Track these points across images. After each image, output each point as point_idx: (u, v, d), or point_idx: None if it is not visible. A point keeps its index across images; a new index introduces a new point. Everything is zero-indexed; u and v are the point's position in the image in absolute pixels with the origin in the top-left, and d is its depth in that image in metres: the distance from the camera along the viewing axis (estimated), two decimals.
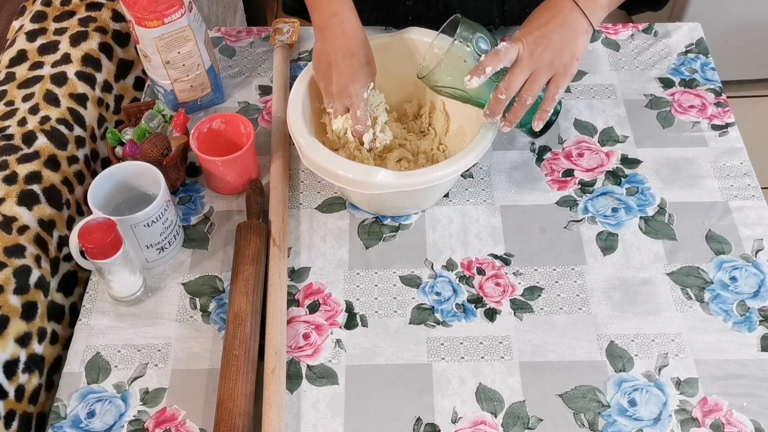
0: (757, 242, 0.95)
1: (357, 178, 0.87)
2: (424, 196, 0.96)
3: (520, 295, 0.91)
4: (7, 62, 1.07)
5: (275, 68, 1.13)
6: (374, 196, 0.91)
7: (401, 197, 0.92)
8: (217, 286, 0.93)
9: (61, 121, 1.01)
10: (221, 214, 1.00)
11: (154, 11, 0.97)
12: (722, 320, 0.88)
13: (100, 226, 0.83)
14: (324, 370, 0.85)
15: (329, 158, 0.88)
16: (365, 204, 0.97)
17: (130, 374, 0.85)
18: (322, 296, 0.91)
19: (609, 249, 0.95)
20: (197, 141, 0.98)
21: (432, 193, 0.95)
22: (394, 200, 0.93)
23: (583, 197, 1.00)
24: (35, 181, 0.94)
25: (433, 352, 0.86)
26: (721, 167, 1.02)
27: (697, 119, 1.08)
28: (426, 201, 0.97)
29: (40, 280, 0.89)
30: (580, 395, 0.83)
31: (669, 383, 0.83)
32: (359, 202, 0.98)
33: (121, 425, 0.82)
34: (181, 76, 1.05)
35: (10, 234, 0.88)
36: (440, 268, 0.93)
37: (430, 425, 0.81)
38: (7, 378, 0.82)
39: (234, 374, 0.80)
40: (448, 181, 0.92)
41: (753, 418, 0.81)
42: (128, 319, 0.90)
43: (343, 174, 0.87)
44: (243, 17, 2.11)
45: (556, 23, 0.84)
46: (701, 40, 1.19)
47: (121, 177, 0.92)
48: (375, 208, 0.98)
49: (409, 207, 0.97)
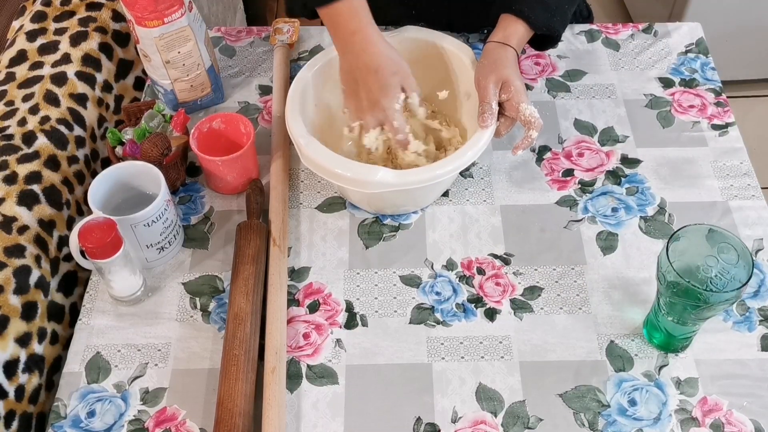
0: (757, 242, 0.95)
1: (356, 177, 0.87)
2: (423, 194, 0.96)
3: (520, 294, 0.91)
4: (7, 62, 1.07)
5: (275, 68, 1.13)
6: (374, 195, 0.91)
7: (400, 195, 0.92)
8: (217, 286, 0.93)
9: (61, 121, 1.01)
10: (221, 214, 1.00)
11: (154, 11, 0.97)
12: (722, 320, 0.88)
13: (100, 226, 0.83)
14: (324, 369, 0.85)
15: (328, 157, 0.88)
16: (365, 203, 0.97)
17: (130, 374, 0.85)
18: (322, 296, 0.91)
19: (609, 249, 0.95)
20: (197, 141, 0.98)
21: (431, 191, 0.95)
22: (393, 198, 0.93)
23: (583, 197, 1.00)
24: (35, 181, 0.94)
25: (433, 352, 0.86)
26: (721, 167, 1.02)
27: (697, 119, 1.08)
28: (425, 199, 0.97)
29: (40, 280, 0.89)
30: (580, 395, 0.83)
31: (669, 383, 0.83)
32: (359, 202, 0.98)
33: (121, 425, 0.82)
34: (181, 76, 1.05)
35: (10, 234, 0.88)
36: (440, 267, 0.93)
37: (430, 425, 0.81)
38: (7, 378, 0.82)
39: (234, 374, 0.80)
40: (447, 179, 0.92)
41: (753, 417, 0.81)
42: (128, 319, 0.90)
43: (342, 173, 0.87)
44: (243, 17, 2.11)
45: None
46: (701, 40, 1.19)
47: (121, 177, 0.92)
48: (374, 207, 0.98)
49: (409, 205, 0.97)
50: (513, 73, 0.93)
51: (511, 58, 0.94)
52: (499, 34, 0.96)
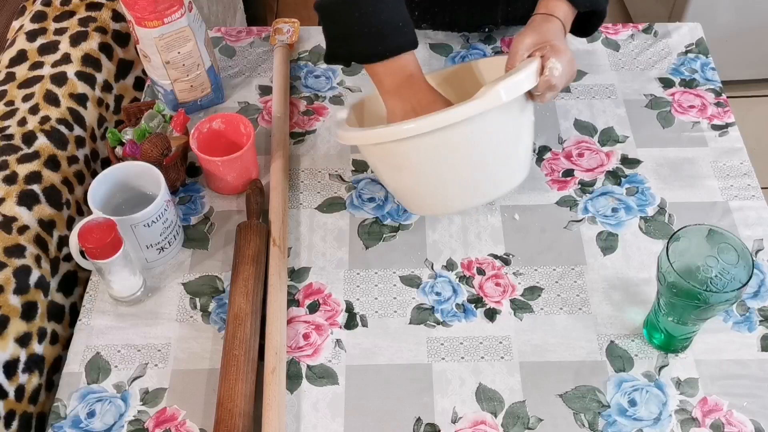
0: (757, 242, 0.95)
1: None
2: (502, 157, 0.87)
3: (520, 295, 0.91)
4: (7, 62, 1.07)
5: (275, 68, 1.13)
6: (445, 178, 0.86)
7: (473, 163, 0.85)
8: (217, 286, 0.93)
9: (61, 121, 1.01)
10: (221, 214, 1.00)
11: (154, 11, 0.97)
12: (722, 320, 0.88)
13: (100, 226, 0.83)
14: (324, 370, 0.85)
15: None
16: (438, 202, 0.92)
17: (130, 374, 0.85)
18: (322, 296, 0.91)
19: (609, 249, 0.95)
20: (197, 141, 0.98)
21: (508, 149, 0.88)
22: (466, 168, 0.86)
23: (583, 197, 1.00)
24: (35, 181, 0.94)
25: (433, 352, 0.86)
26: (721, 167, 1.02)
27: (697, 119, 1.08)
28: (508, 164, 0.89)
29: (40, 280, 0.89)
30: (580, 395, 0.83)
31: (669, 383, 0.83)
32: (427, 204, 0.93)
33: (121, 425, 0.82)
34: (181, 76, 1.05)
35: (10, 234, 0.88)
36: (440, 268, 0.93)
37: (430, 425, 0.81)
38: (7, 378, 0.82)
39: (234, 374, 0.80)
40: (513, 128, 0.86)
41: (753, 418, 0.81)
42: (128, 319, 0.90)
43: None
44: (243, 17, 2.11)
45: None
46: (701, 40, 1.19)
47: (121, 177, 0.92)
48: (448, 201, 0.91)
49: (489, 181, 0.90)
50: (555, 38, 0.87)
51: (555, 28, 0.89)
52: (540, 10, 0.91)
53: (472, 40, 1.19)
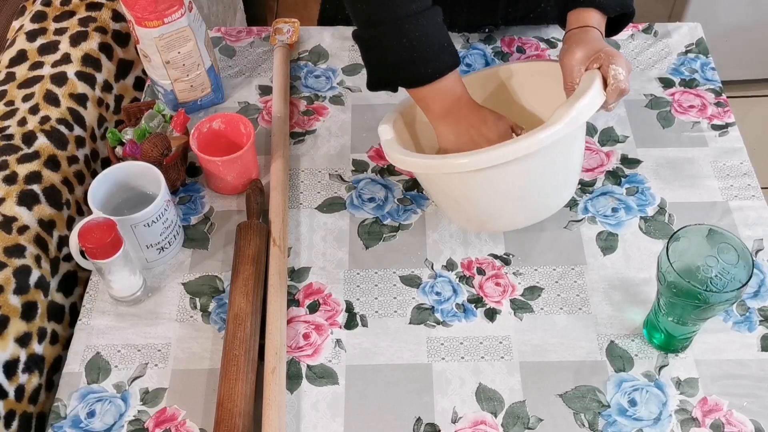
0: (757, 242, 0.95)
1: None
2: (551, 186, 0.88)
3: (520, 295, 0.91)
4: (7, 62, 1.07)
5: (275, 68, 1.13)
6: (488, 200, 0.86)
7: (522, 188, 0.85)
8: (217, 286, 0.93)
9: (61, 121, 1.01)
10: (221, 214, 1.00)
11: (154, 11, 0.97)
12: (722, 320, 0.88)
13: (100, 226, 0.83)
14: (324, 370, 0.85)
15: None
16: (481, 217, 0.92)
17: (130, 374, 0.85)
18: (322, 296, 0.91)
19: (609, 249, 0.95)
20: (197, 141, 0.98)
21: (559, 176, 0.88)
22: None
23: (583, 197, 1.00)
24: (35, 181, 0.94)
25: (433, 352, 0.86)
26: (721, 167, 1.02)
27: (697, 119, 1.08)
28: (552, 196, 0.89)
29: (40, 280, 0.89)
30: (580, 395, 0.83)
31: (669, 383, 0.83)
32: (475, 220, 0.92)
33: (121, 425, 0.82)
34: (181, 76, 1.05)
35: (10, 234, 0.88)
36: (440, 268, 0.93)
37: (430, 425, 0.81)
38: (7, 378, 0.82)
39: (234, 374, 0.80)
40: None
41: (753, 418, 0.81)
42: (128, 319, 0.90)
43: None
44: (243, 17, 2.11)
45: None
46: (701, 40, 1.19)
47: (121, 177, 0.92)
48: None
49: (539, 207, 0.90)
50: (602, 44, 0.87)
51: (596, 36, 0.89)
52: (574, 24, 0.91)
53: (472, 40, 1.19)
